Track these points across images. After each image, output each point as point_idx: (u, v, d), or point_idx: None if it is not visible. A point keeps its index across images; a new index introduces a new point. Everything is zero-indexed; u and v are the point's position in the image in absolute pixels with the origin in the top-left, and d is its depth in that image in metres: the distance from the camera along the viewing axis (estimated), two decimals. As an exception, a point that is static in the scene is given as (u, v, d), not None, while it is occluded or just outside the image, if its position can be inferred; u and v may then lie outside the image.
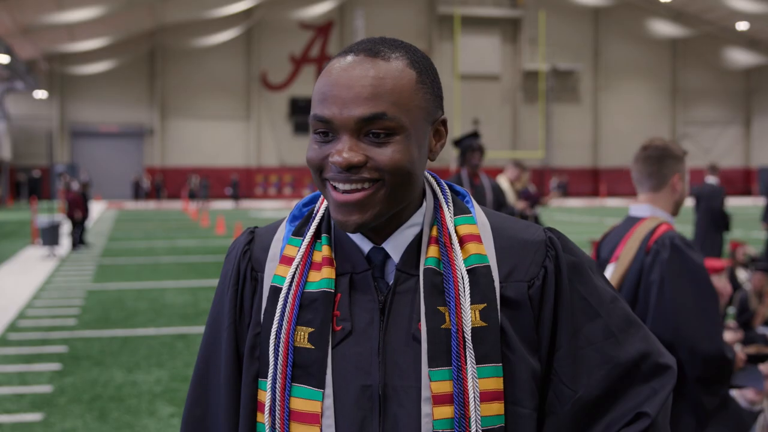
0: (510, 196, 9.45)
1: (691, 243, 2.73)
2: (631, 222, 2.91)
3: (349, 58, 1.14)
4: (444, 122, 1.22)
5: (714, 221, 10.66)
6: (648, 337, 1.28)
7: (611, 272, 2.81)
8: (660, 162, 2.85)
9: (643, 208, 2.89)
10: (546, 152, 45.56)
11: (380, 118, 1.10)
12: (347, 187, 1.12)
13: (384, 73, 1.12)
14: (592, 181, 46.99)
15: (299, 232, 1.26)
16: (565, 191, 43.25)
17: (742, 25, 43.34)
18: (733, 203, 33.88)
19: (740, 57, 47.33)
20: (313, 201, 1.31)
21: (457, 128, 40.45)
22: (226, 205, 38.20)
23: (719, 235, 10.70)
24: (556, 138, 46.56)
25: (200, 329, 8.37)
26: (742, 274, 8.41)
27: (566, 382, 1.21)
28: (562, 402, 1.21)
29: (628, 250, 2.79)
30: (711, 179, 11.14)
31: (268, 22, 42.74)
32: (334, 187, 1.13)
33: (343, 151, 1.11)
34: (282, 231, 1.29)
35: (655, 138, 2.94)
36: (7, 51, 28.13)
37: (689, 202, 10.18)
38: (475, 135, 7.30)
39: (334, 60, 1.16)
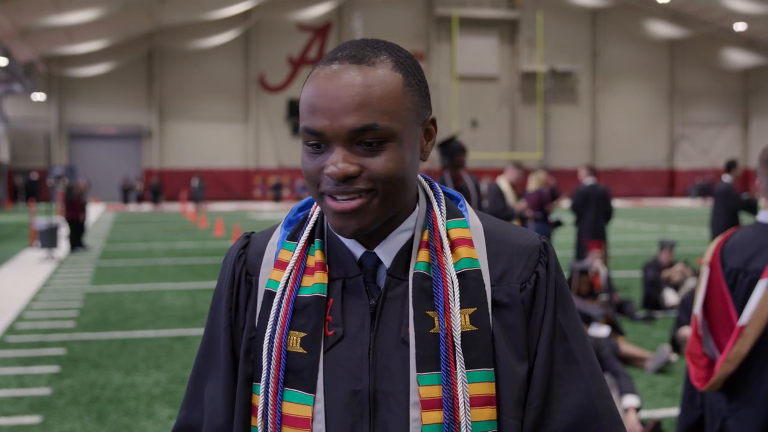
0: (510, 197, 9.46)
1: None
2: None
3: (334, 66, 1.13)
4: (433, 121, 1.22)
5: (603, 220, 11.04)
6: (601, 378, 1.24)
7: (763, 289, 2.55)
8: None
9: None
10: (544, 153, 45.58)
11: (372, 129, 1.10)
12: (344, 196, 1.12)
13: (371, 81, 1.11)
14: (591, 182, 46.96)
15: (294, 237, 1.26)
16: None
17: (740, 26, 43.38)
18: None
19: (738, 57, 47.35)
20: (308, 206, 1.31)
21: (455, 129, 40.44)
22: (225, 207, 38.17)
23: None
24: (554, 139, 46.56)
25: (199, 331, 8.38)
26: None
27: (528, 392, 1.19)
28: (526, 412, 1.19)
29: None
30: (589, 180, 11.28)
31: (266, 24, 42.74)
32: (332, 198, 1.13)
33: (338, 162, 1.10)
34: (277, 235, 1.29)
35: None
36: (5, 53, 28.15)
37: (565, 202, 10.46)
38: (455, 137, 7.29)
39: (319, 68, 1.15)
